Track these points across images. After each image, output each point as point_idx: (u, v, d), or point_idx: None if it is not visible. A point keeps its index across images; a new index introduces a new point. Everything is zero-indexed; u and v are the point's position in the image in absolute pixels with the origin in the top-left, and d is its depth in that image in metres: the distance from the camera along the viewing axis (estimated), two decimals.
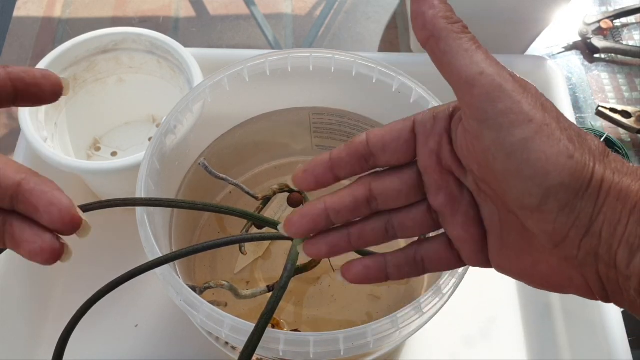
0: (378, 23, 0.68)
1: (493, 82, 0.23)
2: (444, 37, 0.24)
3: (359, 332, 0.30)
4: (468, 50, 0.23)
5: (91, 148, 0.55)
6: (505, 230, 0.26)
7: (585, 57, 0.65)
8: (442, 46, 0.24)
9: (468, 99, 0.23)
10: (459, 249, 0.28)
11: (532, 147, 0.22)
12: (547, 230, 0.23)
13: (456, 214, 0.27)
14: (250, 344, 0.28)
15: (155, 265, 0.29)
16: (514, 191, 0.23)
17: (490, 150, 0.23)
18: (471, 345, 0.47)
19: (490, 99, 0.23)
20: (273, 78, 0.41)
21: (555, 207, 0.22)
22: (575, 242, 0.23)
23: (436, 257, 0.28)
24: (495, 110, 0.22)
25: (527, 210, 0.23)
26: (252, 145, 0.47)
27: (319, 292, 0.43)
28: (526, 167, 0.22)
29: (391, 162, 0.28)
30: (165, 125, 0.38)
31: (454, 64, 0.23)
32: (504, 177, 0.23)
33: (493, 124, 0.23)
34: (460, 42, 0.23)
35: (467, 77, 0.23)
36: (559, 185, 0.22)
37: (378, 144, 0.27)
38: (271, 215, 0.46)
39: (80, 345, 0.45)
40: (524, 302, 0.49)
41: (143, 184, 0.35)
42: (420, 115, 0.27)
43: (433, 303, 0.31)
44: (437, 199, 0.27)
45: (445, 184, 0.27)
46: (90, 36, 0.50)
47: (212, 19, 0.68)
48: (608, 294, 0.24)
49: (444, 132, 0.26)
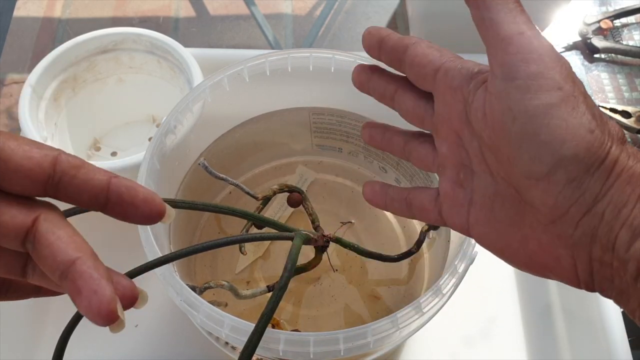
0: (378, 23, 0.68)
1: (531, 44, 0.23)
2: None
3: (359, 332, 0.30)
4: (512, 10, 0.24)
5: (91, 148, 0.55)
6: (497, 204, 0.26)
7: (585, 57, 0.65)
8: (488, 1, 0.24)
9: (501, 57, 0.23)
10: (441, 203, 0.29)
11: (555, 114, 0.22)
12: (548, 202, 0.23)
13: (451, 168, 0.28)
14: (250, 344, 0.28)
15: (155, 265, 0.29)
16: (525, 156, 0.23)
17: (511, 111, 0.23)
18: (471, 345, 0.47)
19: (524, 59, 0.23)
20: (273, 78, 0.41)
21: (563, 178, 0.22)
22: (575, 219, 0.23)
23: (421, 206, 0.30)
24: (527, 72, 0.23)
25: (533, 178, 0.23)
26: (252, 145, 0.47)
27: (319, 292, 0.43)
28: (544, 132, 0.22)
29: (414, 80, 0.29)
30: (165, 125, 0.38)
31: (496, 19, 0.24)
32: (518, 140, 0.23)
33: (522, 85, 0.23)
34: (506, 0, 0.24)
35: (506, 34, 0.23)
36: (573, 156, 0.22)
37: (412, 56, 0.28)
38: (271, 215, 0.46)
39: (80, 345, 0.45)
40: (524, 302, 0.49)
41: (143, 184, 0.35)
42: (449, 64, 0.27)
43: (433, 303, 0.31)
44: (441, 147, 0.28)
45: (451, 139, 0.28)
46: (90, 36, 0.50)
47: (212, 19, 0.68)
48: (594, 280, 0.23)
49: (462, 92, 0.27)
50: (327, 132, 0.47)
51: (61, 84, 0.50)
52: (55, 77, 0.49)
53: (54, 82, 0.49)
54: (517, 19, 0.24)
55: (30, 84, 0.47)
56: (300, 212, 0.43)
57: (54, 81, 0.49)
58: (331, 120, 0.46)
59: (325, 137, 0.47)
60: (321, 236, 0.37)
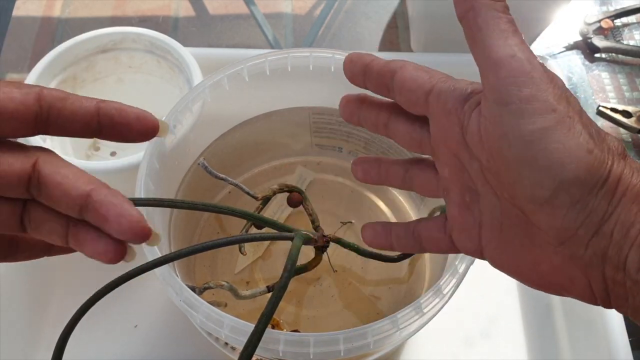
0: (378, 22, 0.68)
1: (522, 67, 0.22)
2: (483, 12, 0.23)
3: (359, 333, 0.30)
4: (504, 31, 0.23)
5: (90, 148, 0.55)
6: (505, 225, 0.25)
7: (585, 57, 0.65)
8: (479, 21, 0.23)
9: (493, 81, 0.23)
10: (451, 230, 0.28)
11: (552, 137, 0.22)
12: (554, 225, 0.23)
13: (456, 191, 0.27)
14: (250, 345, 0.28)
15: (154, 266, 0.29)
16: (525, 182, 0.23)
17: (507, 137, 0.23)
18: (472, 346, 0.47)
19: (516, 83, 0.22)
20: (273, 78, 0.41)
21: (567, 201, 0.22)
22: (584, 240, 0.22)
23: (430, 236, 0.29)
24: (519, 96, 0.22)
25: (537, 203, 0.23)
26: (252, 145, 0.47)
27: (319, 292, 0.43)
28: (542, 157, 0.22)
29: (405, 106, 0.28)
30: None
31: (487, 41, 0.23)
32: (517, 166, 0.23)
33: (515, 109, 0.22)
34: (498, 20, 0.23)
35: (497, 57, 0.23)
36: (574, 178, 0.22)
37: (400, 82, 0.27)
38: (271, 215, 0.46)
39: (80, 346, 0.45)
40: (525, 302, 0.49)
41: (142, 184, 0.35)
42: (440, 85, 0.26)
43: (433, 303, 0.31)
44: (443, 170, 0.28)
45: (452, 162, 0.27)
46: (90, 36, 0.50)
47: (211, 18, 0.68)
48: (610, 298, 0.23)
49: (457, 114, 0.26)
50: (327, 132, 0.47)
51: (61, 83, 0.50)
52: (54, 77, 0.49)
53: (54, 82, 0.49)
54: (509, 40, 0.23)
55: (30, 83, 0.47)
56: (300, 212, 0.43)
57: (54, 81, 0.49)
58: (331, 120, 0.46)
59: (325, 137, 0.47)
60: (321, 236, 0.37)
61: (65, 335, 0.27)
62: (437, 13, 0.55)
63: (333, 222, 0.45)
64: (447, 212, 0.28)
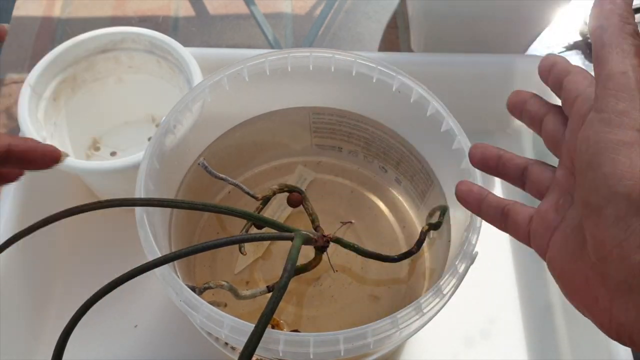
0: (378, 22, 0.68)
1: (628, 84, 0.23)
2: (610, 31, 0.24)
3: (359, 333, 0.30)
4: (625, 52, 0.24)
5: (90, 148, 0.55)
6: (574, 231, 0.26)
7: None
8: (605, 38, 0.24)
9: (600, 91, 0.24)
10: (533, 222, 0.29)
11: (623, 151, 0.22)
12: (596, 236, 0.23)
13: (557, 192, 0.28)
14: (250, 345, 0.28)
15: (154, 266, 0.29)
16: (587, 185, 0.23)
17: (588, 140, 0.24)
18: (472, 346, 0.47)
19: (617, 96, 0.23)
20: (273, 78, 0.41)
21: (613, 215, 0.22)
22: (615, 262, 0.22)
23: (516, 220, 0.30)
24: (615, 108, 0.23)
25: (589, 208, 0.23)
26: (252, 145, 0.47)
27: (319, 292, 0.43)
28: (608, 164, 0.22)
29: (562, 106, 0.29)
30: (164, 125, 0.38)
31: (607, 57, 0.24)
32: (586, 168, 0.24)
33: (605, 118, 0.23)
34: (623, 41, 0.24)
35: (610, 71, 0.24)
36: (625, 195, 0.22)
37: (566, 81, 0.28)
38: (271, 215, 0.46)
39: (80, 346, 0.45)
40: (525, 302, 0.49)
41: (142, 184, 0.35)
42: (588, 90, 0.27)
43: (433, 303, 0.31)
44: (558, 172, 0.29)
45: (568, 165, 0.28)
46: (90, 36, 0.50)
47: (211, 18, 0.68)
48: (628, 331, 0.23)
49: (584, 120, 0.26)
50: (327, 132, 0.47)
51: (60, 83, 0.50)
52: (54, 77, 0.49)
53: (53, 82, 0.49)
54: (627, 60, 0.24)
55: (30, 83, 0.47)
56: (300, 212, 0.43)
57: (53, 81, 0.49)
58: (331, 120, 0.46)
59: (325, 137, 0.47)
60: (321, 236, 0.37)
61: (66, 335, 0.27)
62: (437, 13, 0.55)
63: (333, 222, 0.45)
64: (539, 207, 0.29)
